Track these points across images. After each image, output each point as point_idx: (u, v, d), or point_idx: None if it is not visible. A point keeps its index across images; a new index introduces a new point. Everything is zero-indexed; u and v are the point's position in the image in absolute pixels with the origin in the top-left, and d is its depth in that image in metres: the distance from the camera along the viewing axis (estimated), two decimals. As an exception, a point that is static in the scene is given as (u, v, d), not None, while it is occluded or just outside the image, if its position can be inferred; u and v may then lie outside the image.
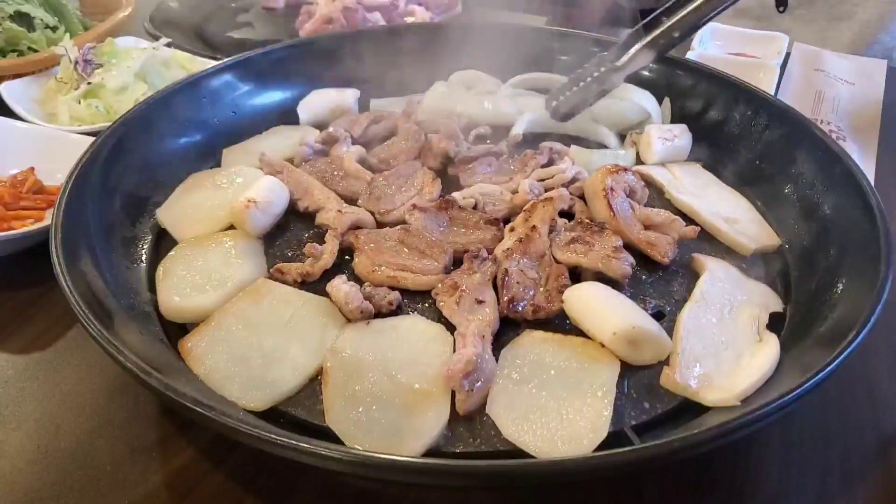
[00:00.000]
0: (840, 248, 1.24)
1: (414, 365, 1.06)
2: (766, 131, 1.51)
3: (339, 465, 0.83)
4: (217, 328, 1.12)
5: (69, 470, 1.03)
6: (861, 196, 1.25)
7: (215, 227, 1.33)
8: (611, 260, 1.21)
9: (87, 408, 1.12)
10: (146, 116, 1.47)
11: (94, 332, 0.96)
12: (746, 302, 1.19)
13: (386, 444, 0.95)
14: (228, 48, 2.27)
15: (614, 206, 1.31)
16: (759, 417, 0.87)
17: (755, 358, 1.08)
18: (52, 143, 1.61)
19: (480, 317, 1.12)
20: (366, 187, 1.43)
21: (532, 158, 1.50)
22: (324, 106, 1.70)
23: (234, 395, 1.02)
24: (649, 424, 1.02)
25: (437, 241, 1.28)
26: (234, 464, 1.04)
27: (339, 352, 1.08)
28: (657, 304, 1.21)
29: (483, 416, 1.01)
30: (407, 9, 2.35)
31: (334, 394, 1.02)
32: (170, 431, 1.09)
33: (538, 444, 0.95)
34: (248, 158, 1.51)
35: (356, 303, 1.13)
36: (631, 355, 1.07)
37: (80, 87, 1.78)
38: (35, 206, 1.48)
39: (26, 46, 2.00)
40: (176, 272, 1.23)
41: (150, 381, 0.90)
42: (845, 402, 1.16)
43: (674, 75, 1.71)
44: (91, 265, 1.15)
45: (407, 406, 1.00)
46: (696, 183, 1.50)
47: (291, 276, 1.23)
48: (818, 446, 1.09)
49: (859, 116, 1.93)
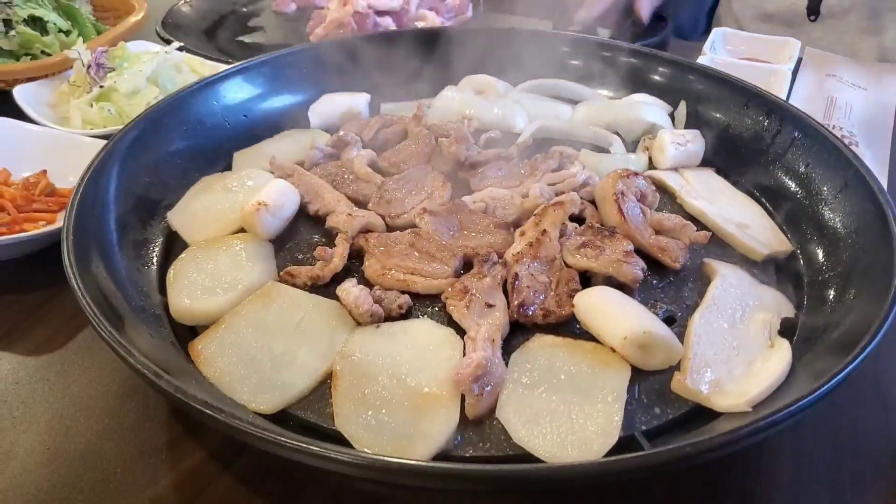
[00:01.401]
0: (852, 253, 1.24)
1: (423, 369, 1.05)
2: (779, 136, 1.50)
3: (348, 469, 0.83)
4: (227, 331, 1.12)
5: (79, 472, 1.03)
6: (874, 202, 1.24)
7: (226, 230, 1.33)
8: (621, 264, 1.20)
9: (98, 410, 1.13)
10: (158, 120, 1.47)
11: (105, 335, 0.96)
12: (758, 307, 1.18)
13: (395, 448, 0.94)
14: (240, 52, 2.28)
15: (625, 211, 1.31)
16: (771, 424, 0.86)
17: (767, 364, 1.07)
18: (64, 146, 1.62)
19: (490, 321, 1.12)
20: (376, 191, 1.43)
21: (542, 162, 1.49)
22: (334, 110, 1.70)
23: (243, 398, 1.02)
24: (660, 430, 1.01)
25: (448, 244, 1.28)
26: (244, 467, 1.04)
27: (349, 355, 1.08)
28: (668, 309, 1.21)
29: (493, 421, 1.00)
30: (418, 13, 2.35)
31: (344, 397, 1.02)
32: (179, 434, 1.09)
33: (548, 449, 0.94)
34: (259, 162, 1.52)
35: (366, 306, 1.13)
36: (642, 360, 1.07)
37: (93, 91, 1.79)
38: (47, 209, 1.49)
39: (39, 50, 2.01)
40: (186, 275, 1.23)
41: (159, 384, 0.90)
42: (857, 408, 1.15)
43: (686, 80, 1.71)
44: (102, 268, 1.15)
45: (416, 410, 0.99)
46: (709, 188, 1.49)
47: (301, 280, 1.23)
48: (830, 452, 1.08)
49: (872, 122, 1.92)
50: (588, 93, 1.80)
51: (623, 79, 1.80)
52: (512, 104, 1.73)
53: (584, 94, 1.80)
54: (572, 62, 1.85)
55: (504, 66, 1.83)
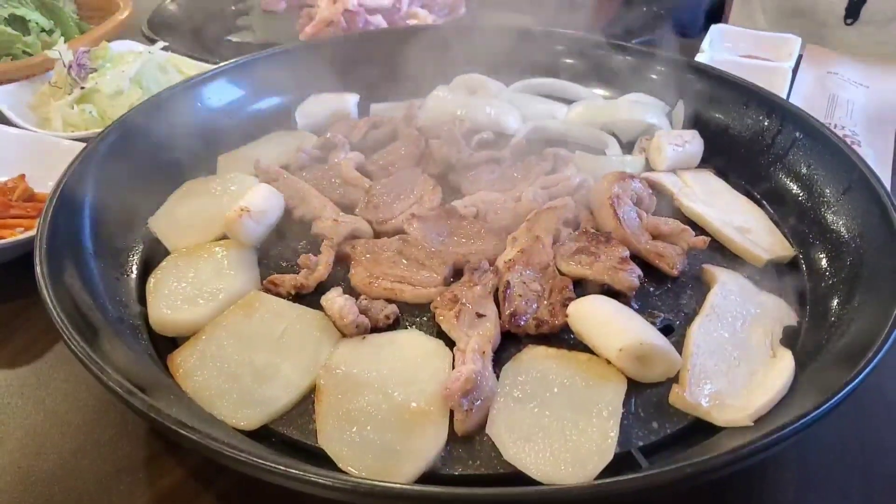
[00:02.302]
0: (856, 258, 1.20)
1: (411, 382, 1.02)
2: (780, 137, 1.46)
3: (330, 493, 0.79)
4: (207, 343, 1.08)
5: (52, 492, 1.00)
6: (878, 204, 1.21)
7: (209, 236, 1.29)
8: (617, 272, 1.16)
9: (73, 425, 1.09)
10: (139, 122, 1.43)
11: (77, 349, 0.93)
12: (759, 315, 1.14)
13: (381, 467, 0.91)
14: (227, 52, 2.24)
15: (621, 215, 1.27)
16: (776, 441, 0.83)
17: (769, 375, 1.03)
18: (44, 149, 1.58)
19: (481, 332, 1.08)
20: (363, 195, 1.38)
21: (536, 165, 1.46)
22: (322, 111, 1.67)
23: (223, 414, 0.98)
24: (658, 445, 0.98)
25: (437, 251, 1.24)
26: (225, 485, 1.01)
27: (334, 368, 1.04)
28: (666, 319, 1.17)
29: (483, 437, 0.97)
30: (409, 11, 2.32)
31: (328, 412, 0.98)
32: (158, 451, 1.05)
33: (540, 467, 0.91)
34: (244, 165, 1.48)
35: (351, 317, 1.09)
36: (638, 372, 1.03)
37: (74, 92, 1.75)
38: (25, 215, 1.45)
39: (21, 50, 1.97)
40: (167, 284, 1.19)
41: (132, 402, 0.86)
42: (863, 421, 1.12)
43: (684, 79, 1.67)
44: (77, 277, 1.11)
45: (403, 426, 0.96)
46: (708, 190, 1.45)
47: (285, 289, 1.19)
48: (836, 467, 1.05)
49: (874, 121, 1.88)
50: (583, 92, 1.77)
51: (619, 78, 1.77)
52: (505, 104, 1.69)
53: (580, 93, 1.76)
54: (567, 60, 1.82)
55: (497, 66, 1.80)
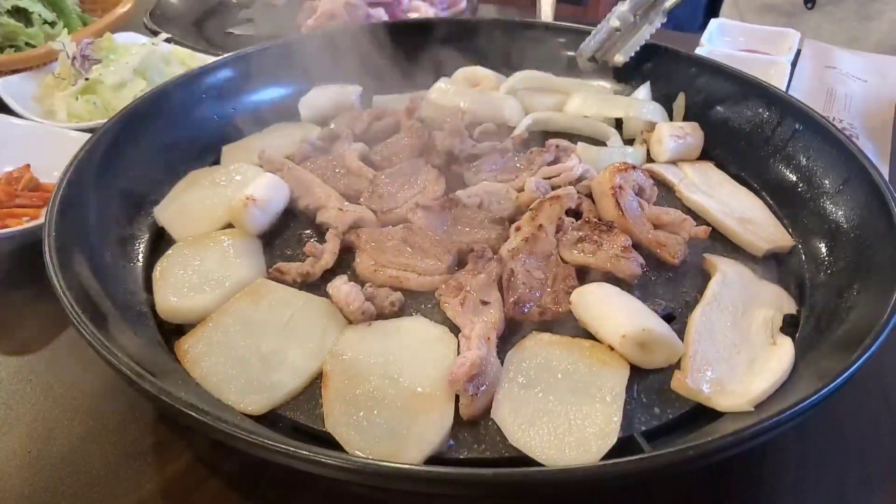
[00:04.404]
0: (856, 248, 1.21)
1: (417, 368, 1.02)
2: (780, 129, 1.47)
3: (338, 473, 0.80)
4: (214, 329, 1.09)
5: (61, 476, 1.00)
6: (877, 195, 1.21)
7: (214, 225, 1.30)
8: (619, 260, 1.17)
9: (81, 411, 1.10)
10: (144, 113, 1.44)
11: (87, 335, 0.93)
12: (759, 304, 1.15)
13: (387, 450, 0.92)
14: (229, 44, 2.25)
15: (623, 205, 1.28)
16: (776, 425, 0.83)
17: (769, 362, 1.04)
18: (48, 140, 1.59)
19: (485, 318, 1.09)
20: (368, 185, 1.39)
21: (538, 156, 1.46)
22: (326, 103, 1.67)
23: (231, 399, 0.99)
24: (660, 430, 0.99)
25: (441, 240, 1.25)
26: (232, 470, 1.02)
27: (340, 354, 1.05)
28: (667, 306, 1.18)
29: (488, 422, 0.98)
30: (411, 4, 2.33)
31: (334, 397, 0.99)
32: (166, 436, 1.06)
33: (545, 451, 0.92)
34: (249, 156, 1.48)
35: (357, 304, 1.10)
36: (641, 359, 1.04)
37: (78, 84, 1.75)
38: (31, 204, 1.46)
39: (24, 42, 1.97)
40: (173, 272, 1.20)
41: (143, 385, 0.87)
42: (861, 406, 1.13)
43: (685, 72, 1.68)
44: (85, 265, 1.12)
45: (409, 410, 0.97)
46: (708, 181, 1.47)
47: (291, 277, 1.19)
48: (834, 452, 1.06)
49: (873, 114, 1.89)
50: (584, 84, 1.77)
51: (620, 70, 1.77)
52: (507, 96, 1.69)
53: (581, 85, 1.76)
54: (568, 53, 1.82)
55: (499, 58, 1.80)
